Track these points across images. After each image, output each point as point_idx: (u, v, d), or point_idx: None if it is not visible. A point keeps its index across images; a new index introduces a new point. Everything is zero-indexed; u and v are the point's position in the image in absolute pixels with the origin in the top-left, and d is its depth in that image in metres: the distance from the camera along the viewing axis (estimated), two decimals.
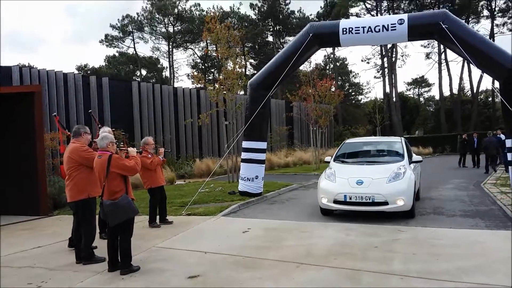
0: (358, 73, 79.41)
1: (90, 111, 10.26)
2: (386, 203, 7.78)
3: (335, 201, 8.16)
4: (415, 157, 9.32)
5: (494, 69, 9.16)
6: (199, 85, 19.65)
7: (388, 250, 5.94)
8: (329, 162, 9.61)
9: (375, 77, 66.96)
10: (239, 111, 16.34)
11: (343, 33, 10.14)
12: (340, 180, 8.36)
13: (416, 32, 9.86)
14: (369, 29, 9.94)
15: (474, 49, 9.10)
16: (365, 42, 10.66)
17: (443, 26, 9.18)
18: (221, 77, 15.48)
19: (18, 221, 9.34)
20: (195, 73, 22.01)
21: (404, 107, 52.11)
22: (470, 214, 8.51)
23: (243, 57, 35.70)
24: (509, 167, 9.28)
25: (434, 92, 71.16)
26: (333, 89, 27.25)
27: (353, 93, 63.36)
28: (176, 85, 50.41)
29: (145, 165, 7.73)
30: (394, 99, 47.55)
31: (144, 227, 8.12)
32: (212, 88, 15.48)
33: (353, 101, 62.15)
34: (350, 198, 7.98)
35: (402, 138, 9.99)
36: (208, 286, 4.73)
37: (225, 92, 14.92)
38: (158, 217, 8.39)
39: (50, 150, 13.69)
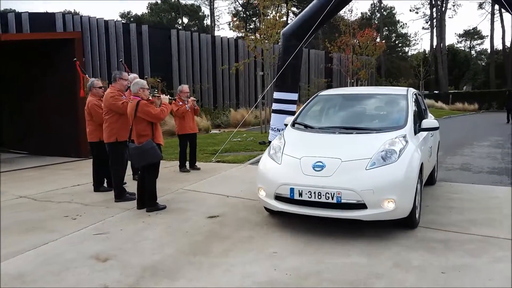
0: (406, 23, 76.04)
1: (121, 60, 10.63)
2: (362, 206, 4.40)
3: (277, 197, 4.82)
4: (428, 122, 5.65)
5: None
6: (240, 34, 19.54)
7: None
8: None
9: (423, 28, 63.82)
10: (274, 62, 16.29)
11: None
12: (288, 161, 4.90)
13: None
14: None
15: None
16: None
17: None
18: (262, 26, 15.33)
19: (61, 161, 10.15)
20: (236, 21, 21.81)
21: (454, 61, 49.85)
22: (498, 171, 8.41)
23: (284, 5, 34.86)
24: None
25: (487, 46, 67.24)
26: (377, 40, 26.44)
27: (399, 45, 61.01)
28: (216, 33, 50.19)
29: (173, 112, 8.08)
30: (441, 51, 45.49)
31: (175, 171, 8.61)
32: (252, 37, 15.43)
33: (400, 53, 59.96)
34: (301, 195, 4.56)
35: (411, 89, 6.29)
36: (224, 225, 5.09)
37: (262, 42, 14.86)
38: (188, 162, 8.84)
39: None
